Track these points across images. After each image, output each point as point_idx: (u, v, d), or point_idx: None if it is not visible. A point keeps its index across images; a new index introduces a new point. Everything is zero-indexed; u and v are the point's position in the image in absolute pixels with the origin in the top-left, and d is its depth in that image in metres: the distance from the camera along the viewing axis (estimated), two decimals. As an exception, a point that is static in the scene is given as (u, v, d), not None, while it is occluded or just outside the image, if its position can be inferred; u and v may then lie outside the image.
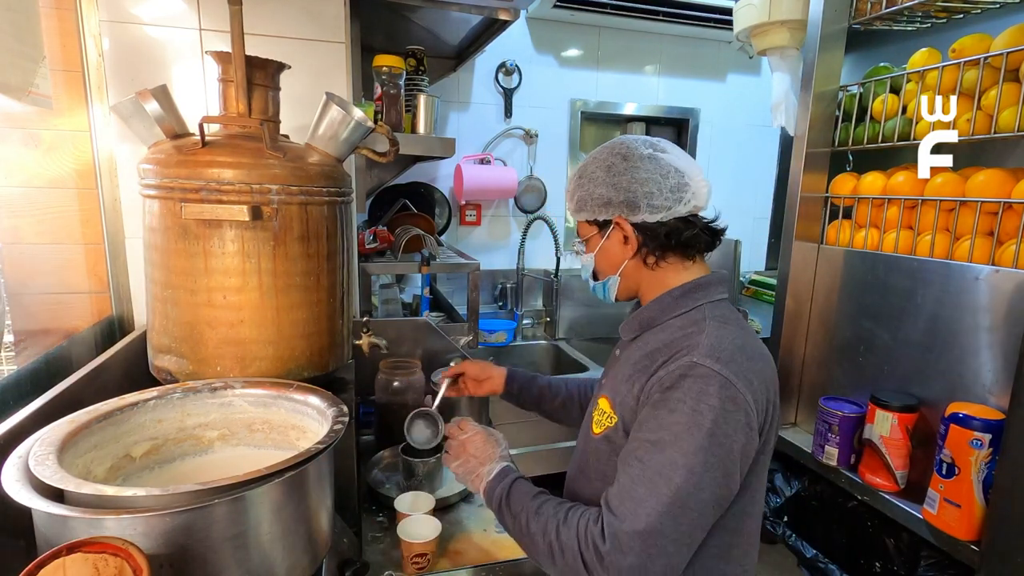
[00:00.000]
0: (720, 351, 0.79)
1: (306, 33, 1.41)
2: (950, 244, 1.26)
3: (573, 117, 2.73)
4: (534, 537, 0.82)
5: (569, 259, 2.90)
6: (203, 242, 0.92)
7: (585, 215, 0.93)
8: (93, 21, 1.26)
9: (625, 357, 0.93)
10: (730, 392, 0.76)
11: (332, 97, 1.00)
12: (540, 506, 0.84)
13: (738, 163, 3.04)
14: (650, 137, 0.94)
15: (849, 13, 1.46)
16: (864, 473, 1.34)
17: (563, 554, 0.78)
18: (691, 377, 0.77)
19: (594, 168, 0.91)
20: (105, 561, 0.52)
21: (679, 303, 0.89)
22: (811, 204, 1.56)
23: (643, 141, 0.92)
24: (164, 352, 0.98)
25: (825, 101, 1.50)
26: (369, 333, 1.37)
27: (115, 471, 0.78)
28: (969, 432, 1.09)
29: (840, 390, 1.50)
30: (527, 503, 0.86)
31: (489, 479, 0.93)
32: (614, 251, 0.93)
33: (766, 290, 2.84)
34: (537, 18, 2.57)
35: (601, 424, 0.91)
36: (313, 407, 0.85)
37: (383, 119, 1.61)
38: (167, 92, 0.99)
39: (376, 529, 1.15)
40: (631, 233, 0.90)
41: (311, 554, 0.73)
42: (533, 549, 0.83)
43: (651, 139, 0.93)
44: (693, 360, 0.78)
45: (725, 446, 0.75)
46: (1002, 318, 1.14)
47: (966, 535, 1.12)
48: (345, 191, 1.06)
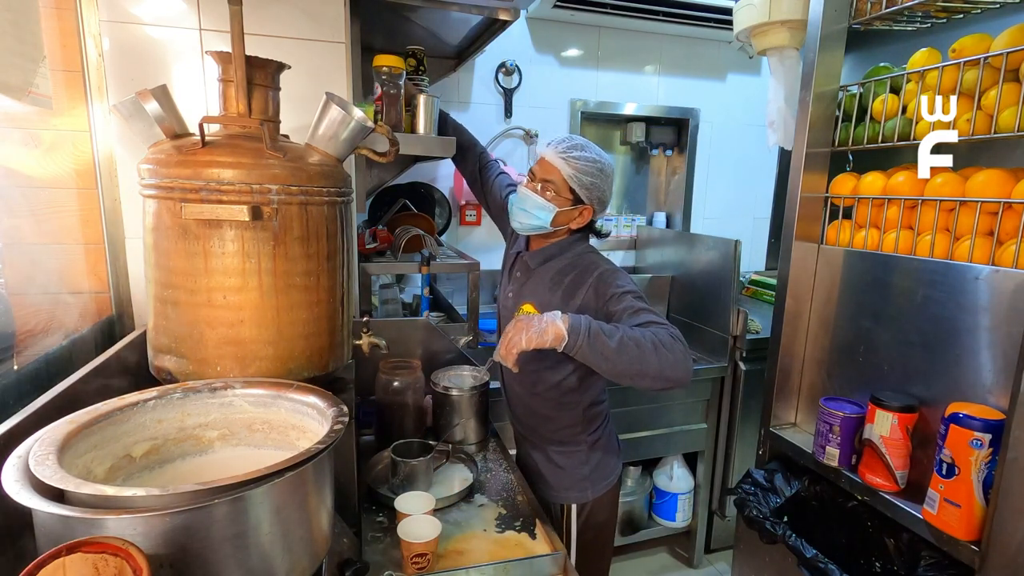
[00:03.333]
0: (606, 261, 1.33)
1: (306, 33, 1.41)
2: (950, 244, 1.26)
3: (573, 117, 2.72)
4: (638, 339, 1.08)
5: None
6: (203, 242, 0.92)
7: (582, 192, 1.29)
8: (93, 21, 1.26)
9: (537, 276, 1.37)
10: (624, 272, 1.30)
11: (332, 97, 1.00)
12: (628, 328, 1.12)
13: (738, 163, 3.04)
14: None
15: (849, 13, 1.46)
16: (864, 473, 1.34)
17: (664, 346, 1.08)
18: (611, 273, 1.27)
19: (608, 174, 1.32)
20: (105, 561, 0.52)
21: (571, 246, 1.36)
22: (811, 204, 1.55)
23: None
24: (164, 352, 0.98)
25: (825, 101, 1.50)
26: (369, 333, 1.37)
27: (115, 471, 0.78)
28: (969, 432, 1.09)
29: (840, 390, 1.50)
30: (619, 327, 1.12)
31: (567, 318, 1.10)
32: (570, 217, 1.33)
33: (766, 290, 2.84)
34: (537, 18, 2.57)
35: None
36: (313, 407, 0.85)
37: (383, 119, 1.60)
38: (167, 92, 0.99)
39: (376, 529, 1.15)
40: (587, 218, 1.34)
41: (311, 554, 0.73)
42: (635, 350, 1.07)
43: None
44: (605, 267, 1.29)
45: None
46: (1002, 318, 1.14)
47: (966, 535, 1.12)
48: (345, 191, 1.06)
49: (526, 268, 1.40)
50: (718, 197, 3.06)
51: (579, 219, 1.33)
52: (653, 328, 1.12)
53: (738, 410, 2.30)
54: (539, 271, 1.36)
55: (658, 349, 1.07)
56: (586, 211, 1.32)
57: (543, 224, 1.30)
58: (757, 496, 1.54)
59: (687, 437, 2.33)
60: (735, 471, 2.36)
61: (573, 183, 1.28)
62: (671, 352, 1.08)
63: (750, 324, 2.24)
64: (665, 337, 1.10)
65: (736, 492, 1.60)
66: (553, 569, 1.05)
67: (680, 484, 2.40)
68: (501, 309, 1.50)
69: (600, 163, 1.29)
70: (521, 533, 1.14)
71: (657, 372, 1.07)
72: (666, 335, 1.10)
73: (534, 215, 1.30)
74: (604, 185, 1.31)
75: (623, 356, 1.06)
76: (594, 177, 1.28)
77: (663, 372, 1.08)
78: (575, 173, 1.27)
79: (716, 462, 2.42)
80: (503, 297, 1.48)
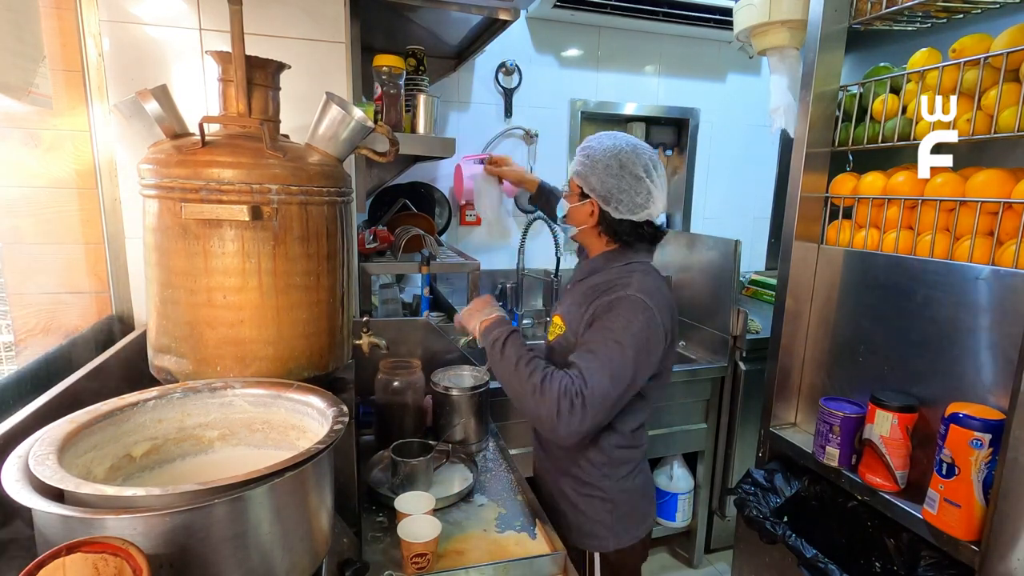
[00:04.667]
0: (644, 289, 1.16)
1: (306, 33, 1.41)
2: (950, 244, 1.26)
3: (573, 117, 2.72)
4: (521, 375, 1.10)
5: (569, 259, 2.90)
6: (203, 242, 0.92)
7: (579, 182, 1.25)
8: (93, 21, 1.26)
9: (576, 290, 1.30)
10: (650, 314, 1.13)
11: (332, 97, 1.00)
12: (533, 358, 1.13)
13: (738, 163, 3.04)
14: (651, 157, 1.23)
15: (849, 13, 1.46)
16: (864, 473, 1.34)
17: (543, 395, 1.07)
18: (627, 302, 1.14)
19: (596, 160, 1.21)
20: (105, 561, 0.52)
21: (615, 258, 1.27)
22: (811, 204, 1.55)
23: (642, 163, 1.21)
24: (164, 352, 0.98)
25: (825, 101, 1.50)
26: (369, 333, 1.37)
27: (115, 471, 0.78)
28: (969, 432, 1.09)
29: (840, 390, 1.50)
30: (523, 351, 1.14)
31: (490, 319, 1.22)
32: (582, 214, 1.27)
33: (766, 290, 2.84)
34: (537, 18, 2.57)
35: (553, 333, 1.31)
36: (313, 407, 0.85)
37: (383, 119, 1.61)
38: (167, 92, 0.99)
39: (376, 529, 1.15)
40: (596, 213, 1.24)
41: (311, 554, 0.73)
42: (516, 384, 1.11)
43: (649, 161, 1.22)
44: (628, 293, 1.15)
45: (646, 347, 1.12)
46: (1002, 318, 1.14)
47: (966, 535, 1.12)
48: (345, 191, 1.06)
49: (573, 281, 1.36)
50: (718, 197, 3.06)
51: (591, 217, 1.25)
52: (561, 374, 1.09)
53: (738, 410, 2.29)
54: (579, 285, 1.31)
55: (535, 394, 1.07)
56: (589, 204, 1.24)
57: (565, 224, 1.33)
58: (757, 496, 1.54)
59: (687, 437, 2.33)
60: (735, 471, 2.35)
61: (576, 180, 1.26)
62: (540, 405, 1.07)
63: (750, 324, 2.24)
64: (554, 387, 1.06)
65: (736, 492, 1.59)
66: (553, 569, 1.05)
67: (680, 484, 2.40)
68: None
69: (588, 149, 1.23)
70: (521, 533, 1.14)
71: (529, 414, 1.12)
72: (557, 387, 1.06)
73: (559, 216, 1.35)
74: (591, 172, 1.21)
75: (507, 383, 1.14)
76: (585, 167, 1.22)
77: (532, 414, 1.11)
78: (575, 169, 1.26)
79: (716, 462, 2.42)
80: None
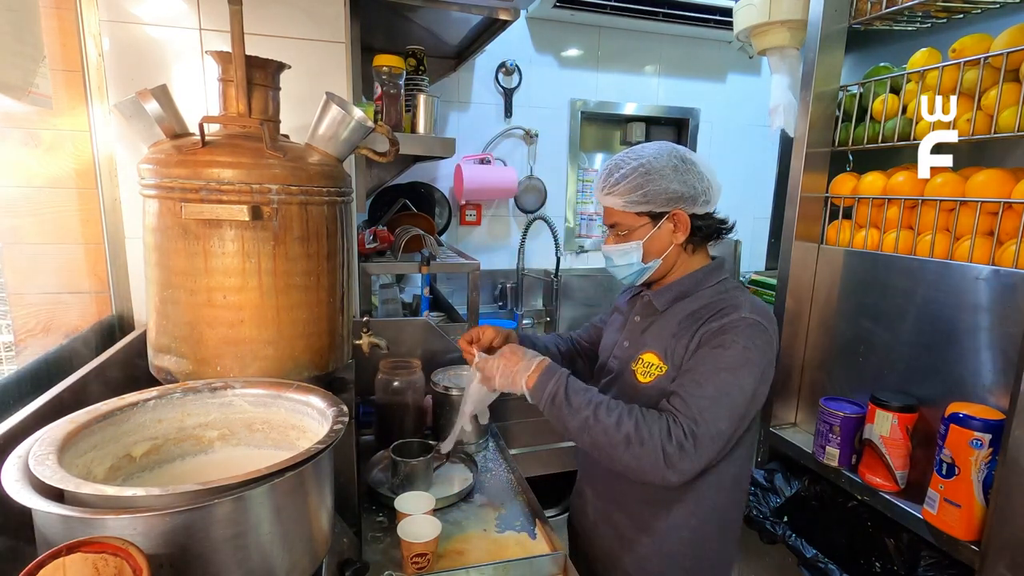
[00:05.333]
0: (758, 310, 1.02)
1: (306, 33, 1.41)
2: (950, 244, 1.26)
3: (573, 117, 2.73)
4: (606, 427, 0.93)
5: (569, 259, 2.90)
6: (203, 242, 0.92)
7: (647, 207, 1.06)
8: (93, 21, 1.26)
9: (663, 321, 1.10)
10: (767, 338, 1.00)
11: (332, 97, 1.00)
12: (608, 401, 0.97)
13: (738, 163, 3.04)
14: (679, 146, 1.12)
15: (849, 13, 1.46)
16: (864, 473, 1.34)
17: (642, 444, 0.91)
18: (743, 325, 0.99)
19: (661, 166, 1.05)
20: (105, 561, 0.52)
21: (708, 278, 1.10)
22: (811, 204, 1.56)
23: (684, 148, 1.10)
24: (164, 352, 0.98)
25: (825, 101, 1.50)
26: (369, 333, 1.37)
27: (115, 471, 0.78)
28: (969, 432, 1.09)
29: (840, 390, 1.49)
30: (593, 396, 0.98)
31: (536, 371, 1.02)
32: (663, 239, 1.08)
33: (766, 290, 2.83)
34: (537, 18, 2.57)
35: (650, 374, 1.08)
36: (313, 407, 0.85)
37: (383, 119, 1.61)
38: (167, 92, 0.99)
39: (376, 529, 1.15)
40: (685, 222, 1.06)
41: (311, 554, 0.73)
42: (601, 437, 0.94)
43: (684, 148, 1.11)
44: (742, 315, 1.00)
45: (762, 377, 0.99)
46: (1002, 318, 1.14)
47: (966, 535, 1.12)
48: (345, 191, 1.06)
49: (650, 310, 1.13)
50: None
51: (676, 233, 1.07)
52: (655, 414, 0.95)
53: (738, 410, 2.29)
54: (667, 313, 1.10)
55: (630, 445, 0.91)
56: (674, 217, 1.06)
57: (643, 266, 1.09)
58: (757, 496, 1.54)
59: (687, 437, 2.33)
60: (735, 471, 2.35)
61: (633, 208, 1.06)
62: (642, 456, 0.91)
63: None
64: (654, 432, 0.92)
65: (736, 492, 1.59)
66: (553, 569, 1.05)
67: (680, 484, 2.39)
68: (609, 360, 1.19)
69: (640, 163, 1.05)
70: (521, 533, 1.14)
71: (624, 467, 0.94)
72: (657, 432, 0.92)
73: (626, 265, 1.10)
74: (662, 180, 1.04)
75: (583, 437, 0.96)
76: (650, 180, 1.04)
77: (630, 467, 0.94)
78: (626, 199, 1.05)
79: (716, 462, 2.41)
80: (615, 347, 1.19)
